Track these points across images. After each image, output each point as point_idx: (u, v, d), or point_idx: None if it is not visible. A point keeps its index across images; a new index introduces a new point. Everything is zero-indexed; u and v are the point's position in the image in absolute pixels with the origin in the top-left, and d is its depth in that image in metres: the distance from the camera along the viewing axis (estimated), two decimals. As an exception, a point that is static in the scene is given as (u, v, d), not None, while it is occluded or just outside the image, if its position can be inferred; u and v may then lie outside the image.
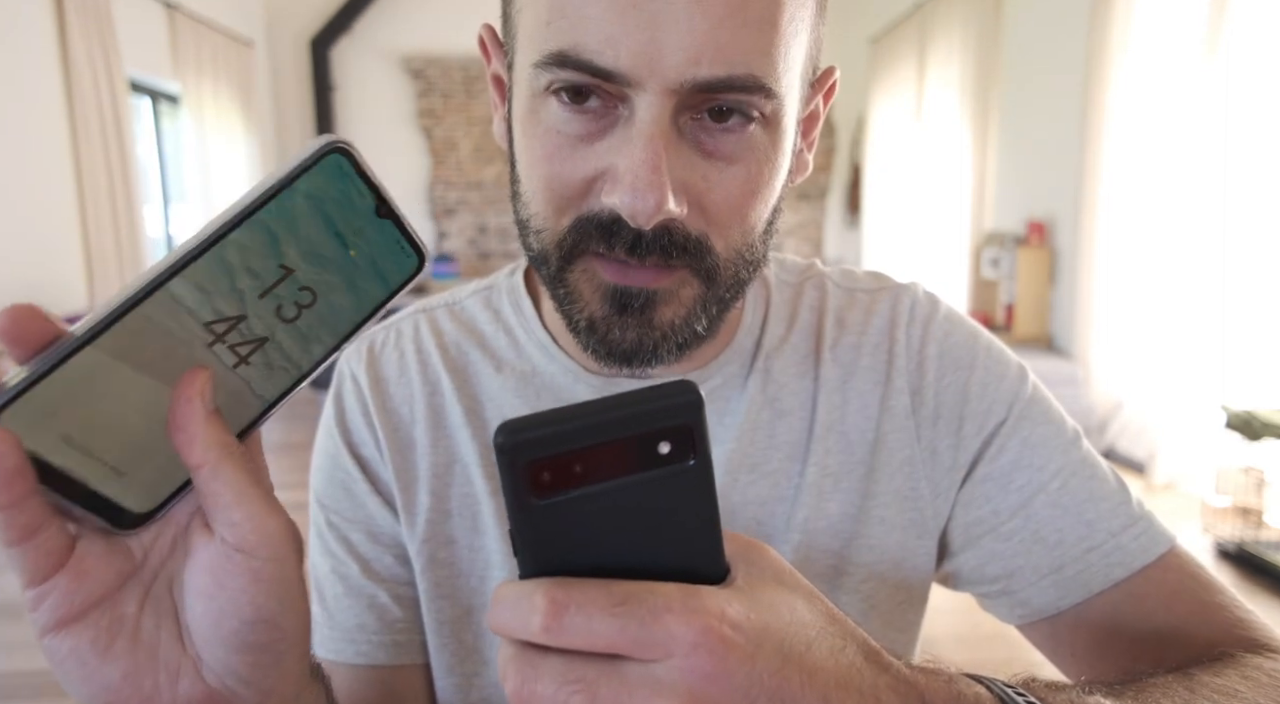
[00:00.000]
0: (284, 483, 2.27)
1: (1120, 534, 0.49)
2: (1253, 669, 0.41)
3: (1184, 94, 3.18)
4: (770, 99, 0.40)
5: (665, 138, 0.39)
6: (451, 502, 0.55)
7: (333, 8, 6.89)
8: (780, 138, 0.43)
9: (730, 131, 0.41)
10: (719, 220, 0.42)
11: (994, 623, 0.31)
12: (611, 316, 0.44)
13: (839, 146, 7.62)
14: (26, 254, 4.21)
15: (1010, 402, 0.52)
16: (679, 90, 0.38)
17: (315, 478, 0.59)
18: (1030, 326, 4.29)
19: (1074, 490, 0.50)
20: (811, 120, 0.50)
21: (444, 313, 0.60)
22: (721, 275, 0.44)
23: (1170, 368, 3.28)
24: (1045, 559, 0.49)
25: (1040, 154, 4.41)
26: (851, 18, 7.11)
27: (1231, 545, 2.56)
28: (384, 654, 0.55)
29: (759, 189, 0.43)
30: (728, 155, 0.41)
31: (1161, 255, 3.34)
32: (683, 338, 0.45)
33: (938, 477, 0.53)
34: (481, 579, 0.54)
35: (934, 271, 5.38)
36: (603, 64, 0.38)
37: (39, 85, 4.31)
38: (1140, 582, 0.48)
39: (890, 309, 0.56)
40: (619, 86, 0.39)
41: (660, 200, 0.38)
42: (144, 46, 5.24)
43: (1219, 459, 2.85)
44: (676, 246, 0.42)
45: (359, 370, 0.58)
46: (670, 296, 0.44)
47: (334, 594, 0.56)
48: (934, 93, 5.39)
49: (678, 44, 0.37)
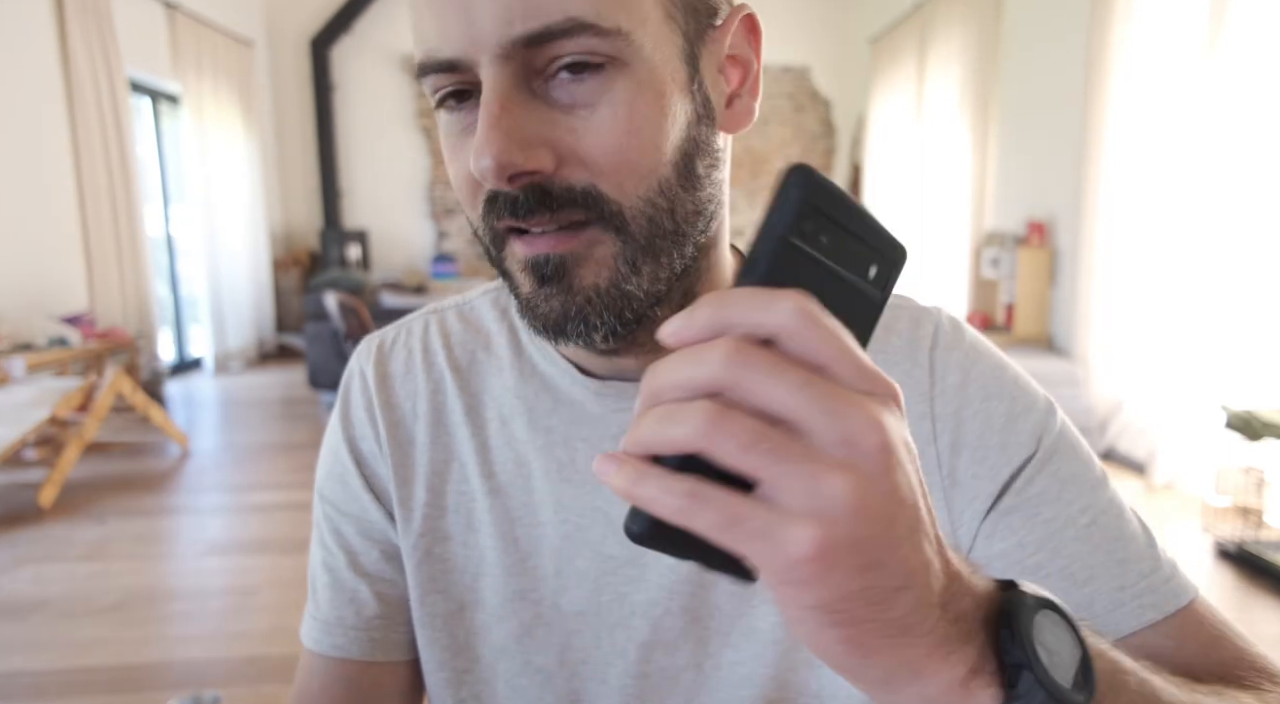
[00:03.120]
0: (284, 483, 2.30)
1: (1151, 576, 0.47)
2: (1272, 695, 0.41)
3: (1184, 94, 3.18)
4: (607, 37, 0.40)
5: (503, 99, 0.40)
6: (448, 498, 0.55)
7: (333, 8, 6.89)
8: (646, 76, 0.41)
9: (583, 81, 0.41)
10: (603, 168, 0.42)
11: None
12: (535, 290, 0.44)
13: (839, 146, 7.62)
14: (27, 254, 4.21)
15: (1039, 436, 0.50)
16: (506, 53, 0.39)
17: (319, 470, 0.60)
18: (1030, 326, 4.29)
19: (1104, 528, 0.49)
20: (739, 64, 0.49)
21: (453, 313, 0.60)
22: (632, 224, 0.43)
23: (1170, 368, 3.28)
24: (1074, 596, 0.47)
25: (1040, 154, 4.41)
26: (851, 18, 7.12)
27: (1231, 545, 2.56)
28: (357, 649, 0.55)
29: (636, 129, 0.41)
30: (587, 102, 0.41)
31: (1161, 255, 3.34)
32: (613, 301, 0.44)
33: (959, 506, 0.51)
34: (475, 576, 0.54)
35: (934, 272, 5.38)
36: (443, 57, 0.41)
37: (39, 85, 4.31)
38: (1174, 627, 0.47)
39: (911, 330, 0.54)
40: (468, 73, 0.41)
41: (496, 154, 0.39)
42: (144, 46, 5.24)
43: (1219, 459, 2.85)
44: (560, 200, 0.41)
45: (367, 367, 0.58)
46: (583, 259, 0.43)
47: (322, 584, 0.57)
48: (934, 93, 5.39)
49: (488, 13, 0.39)
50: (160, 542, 2.86)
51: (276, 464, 3.74)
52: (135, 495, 3.29)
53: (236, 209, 6.26)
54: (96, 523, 2.96)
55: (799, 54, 7.42)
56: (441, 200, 7.33)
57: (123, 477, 3.55)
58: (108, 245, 4.74)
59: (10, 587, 2.45)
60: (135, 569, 2.59)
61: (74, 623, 2.22)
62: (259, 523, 3.01)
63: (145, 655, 2.05)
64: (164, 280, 5.94)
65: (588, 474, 0.52)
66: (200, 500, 3.30)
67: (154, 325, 5.11)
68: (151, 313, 5.08)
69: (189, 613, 2.31)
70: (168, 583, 2.55)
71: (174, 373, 5.92)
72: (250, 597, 2.38)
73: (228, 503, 3.24)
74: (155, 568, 2.64)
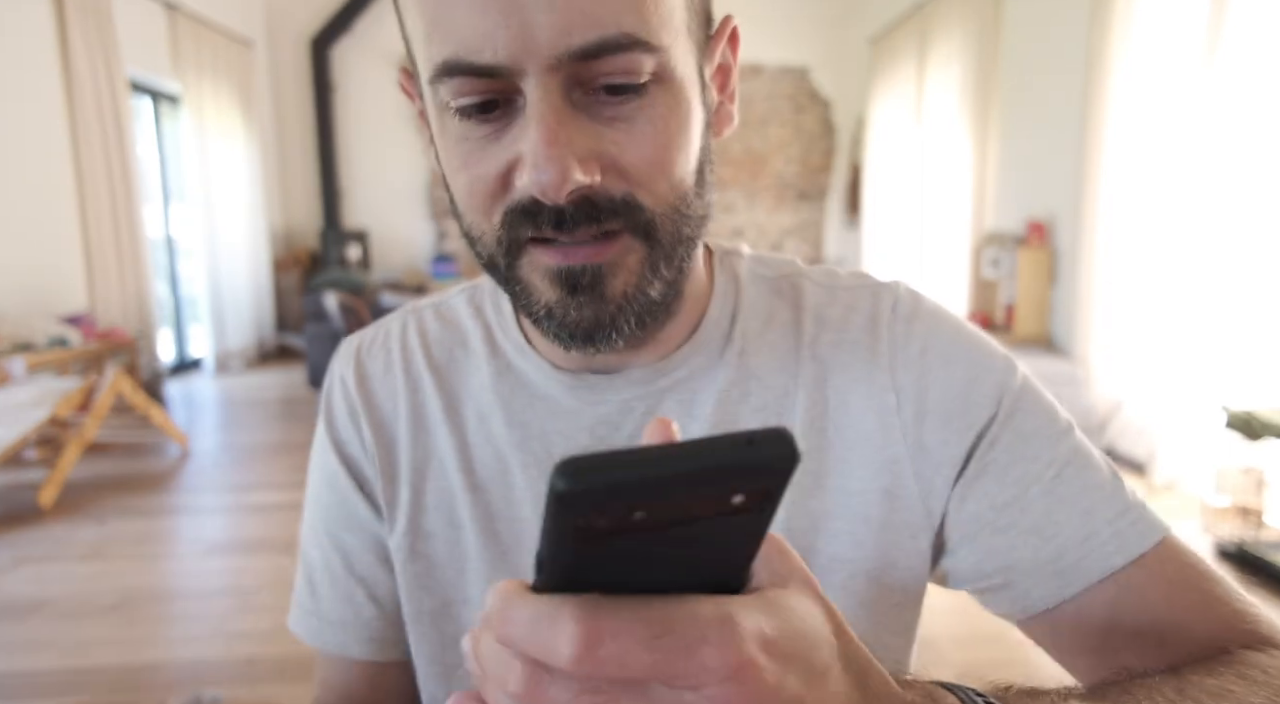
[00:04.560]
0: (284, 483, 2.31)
1: (1117, 521, 0.49)
2: (1250, 667, 0.41)
3: (1184, 94, 3.18)
4: (652, 54, 0.40)
5: (559, 113, 0.40)
6: (429, 496, 0.56)
7: (333, 8, 6.89)
8: (679, 90, 0.43)
9: (626, 99, 0.41)
10: (641, 178, 0.43)
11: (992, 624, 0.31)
12: (565, 299, 0.45)
13: (839, 147, 7.62)
14: (27, 254, 4.21)
15: (999, 395, 0.52)
16: (560, 65, 0.39)
17: (310, 474, 0.61)
18: (1030, 326, 4.29)
19: (1069, 480, 0.50)
20: (724, 72, 0.50)
21: (430, 312, 0.61)
22: (660, 230, 0.44)
23: (1170, 368, 3.28)
24: (1044, 550, 0.49)
25: (1040, 154, 4.41)
26: (851, 18, 7.11)
27: (1231, 545, 2.56)
28: (360, 649, 0.58)
29: (672, 141, 0.43)
30: (629, 117, 0.42)
31: (1161, 255, 3.34)
32: (638, 306, 0.45)
33: (928, 474, 0.52)
34: (459, 572, 0.55)
35: (934, 271, 5.38)
36: (484, 62, 0.39)
37: (39, 85, 4.31)
38: (1139, 571, 0.48)
39: (871, 306, 0.55)
40: (507, 80, 0.40)
41: (563, 170, 0.39)
42: (144, 46, 5.24)
43: (1219, 459, 2.85)
44: (604, 210, 0.42)
45: (347, 371, 0.59)
46: (617, 267, 0.44)
47: (323, 583, 0.59)
48: (934, 93, 5.39)
49: (546, 21, 0.38)
50: (160, 542, 2.86)
51: (276, 464, 3.74)
52: (135, 495, 3.29)
53: (236, 209, 6.25)
54: (96, 523, 2.97)
55: (799, 54, 7.42)
56: (441, 200, 7.32)
57: (123, 477, 3.55)
58: (108, 245, 4.74)
59: (10, 587, 2.45)
60: (135, 569, 2.59)
61: (74, 623, 2.22)
62: (259, 523, 3.01)
63: (145, 655, 2.05)
64: (164, 280, 5.94)
65: None
66: (200, 500, 3.30)
67: (154, 325, 5.11)
68: (151, 313, 5.08)
69: (189, 613, 2.31)
70: (168, 583, 2.55)
71: (174, 373, 5.92)
72: (250, 597, 2.38)
73: (228, 503, 3.24)
74: (155, 568, 2.64)
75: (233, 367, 6.23)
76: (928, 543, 0.53)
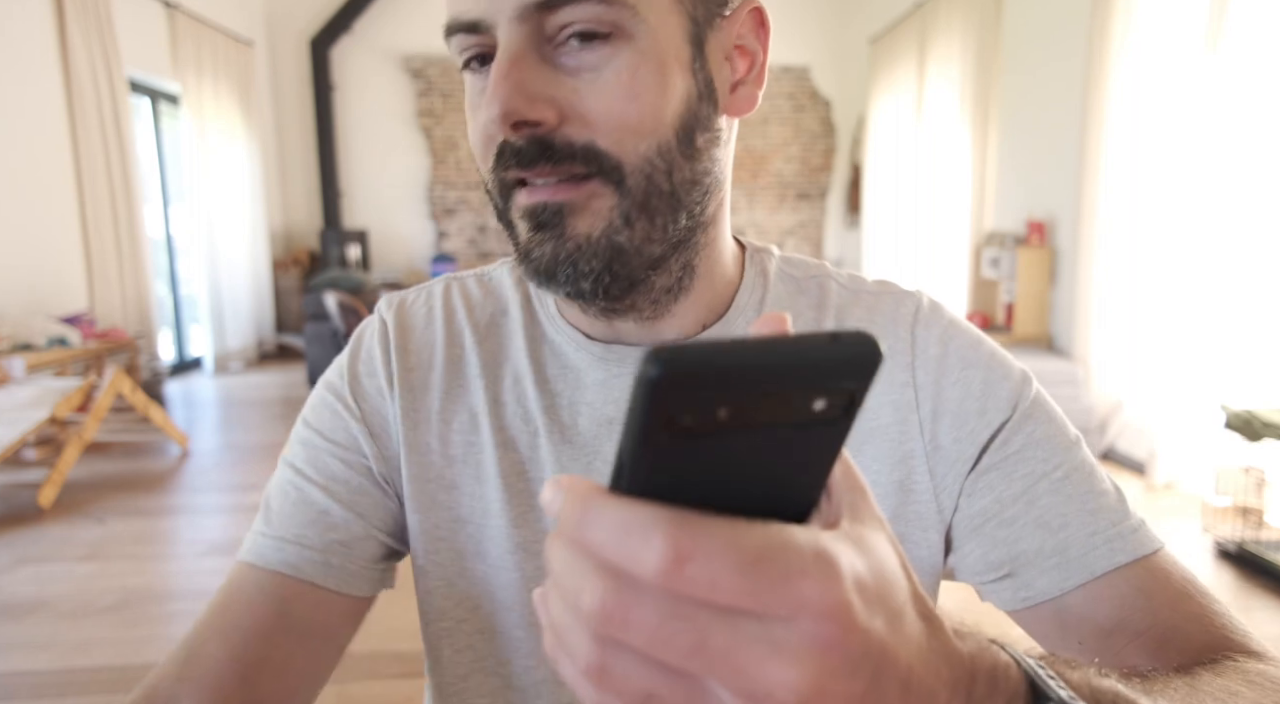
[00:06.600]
0: (284, 483, 2.13)
1: (1120, 524, 0.50)
2: (1253, 674, 0.42)
3: (1184, 94, 3.18)
4: (613, 6, 0.43)
5: (514, 57, 0.44)
6: (457, 448, 0.57)
7: (333, 8, 6.88)
8: (649, 48, 0.45)
9: (591, 49, 0.45)
10: (601, 126, 0.45)
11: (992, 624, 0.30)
12: (532, 236, 0.48)
13: (839, 146, 7.62)
14: (27, 254, 4.21)
15: (1015, 402, 0.54)
16: (525, 16, 0.44)
17: (309, 401, 0.62)
18: (1030, 327, 4.29)
19: (1076, 483, 0.52)
20: (744, 54, 0.51)
21: (473, 280, 0.64)
22: (630, 180, 0.46)
23: (1170, 368, 3.28)
24: (1049, 542, 0.50)
25: (1040, 154, 4.41)
26: (851, 18, 7.11)
27: (1231, 545, 2.56)
28: (310, 568, 0.54)
29: (636, 95, 0.45)
30: (594, 67, 0.45)
31: (1161, 255, 3.34)
32: (605, 251, 0.47)
33: (941, 470, 0.54)
34: (479, 527, 0.56)
35: (934, 271, 5.38)
36: (467, 19, 0.46)
37: (39, 85, 4.31)
38: (1144, 572, 0.49)
39: (894, 309, 0.58)
40: (488, 35, 0.45)
41: (505, 102, 0.43)
42: (144, 46, 5.24)
43: (1219, 459, 2.85)
44: (560, 153, 0.45)
45: (389, 315, 0.61)
46: (579, 208, 0.46)
47: (281, 502, 0.57)
48: (934, 93, 5.38)
49: None
50: (160, 542, 2.86)
51: (276, 464, 3.73)
52: (135, 495, 3.29)
53: (236, 209, 6.25)
54: (96, 523, 2.96)
55: (799, 54, 7.42)
56: (441, 200, 7.32)
57: (122, 477, 3.55)
58: (107, 245, 4.74)
59: (10, 587, 2.45)
60: (135, 569, 2.59)
61: (74, 623, 2.22)
62: (259, 523, 3.01)
63: (145, 655, 2.05)
64: (164, 280, 5.94)
65: (589, 437, 0.55)
66: (200, 500, 3.30)
67: (154, 325, 5.11)
68: (151, 313, 5.08)
69: (189, 613, 2.31)
70: (168, 583, 2.55)
71: (174, 373, 5.92)
72: (250, 597, 2.38)
73: (228, 503, 3.24)
74: (155, 568, 2.64)
75: (232, 366, 6.23)
76: (939, 538, 0.54)
